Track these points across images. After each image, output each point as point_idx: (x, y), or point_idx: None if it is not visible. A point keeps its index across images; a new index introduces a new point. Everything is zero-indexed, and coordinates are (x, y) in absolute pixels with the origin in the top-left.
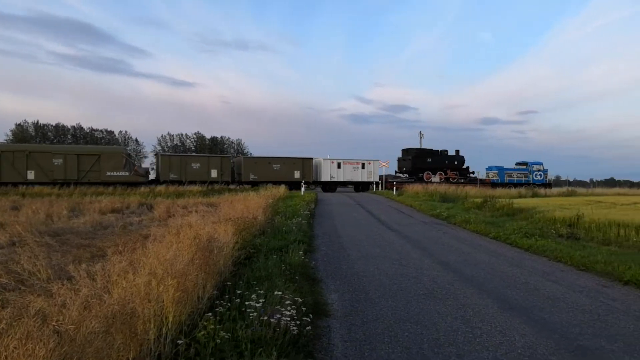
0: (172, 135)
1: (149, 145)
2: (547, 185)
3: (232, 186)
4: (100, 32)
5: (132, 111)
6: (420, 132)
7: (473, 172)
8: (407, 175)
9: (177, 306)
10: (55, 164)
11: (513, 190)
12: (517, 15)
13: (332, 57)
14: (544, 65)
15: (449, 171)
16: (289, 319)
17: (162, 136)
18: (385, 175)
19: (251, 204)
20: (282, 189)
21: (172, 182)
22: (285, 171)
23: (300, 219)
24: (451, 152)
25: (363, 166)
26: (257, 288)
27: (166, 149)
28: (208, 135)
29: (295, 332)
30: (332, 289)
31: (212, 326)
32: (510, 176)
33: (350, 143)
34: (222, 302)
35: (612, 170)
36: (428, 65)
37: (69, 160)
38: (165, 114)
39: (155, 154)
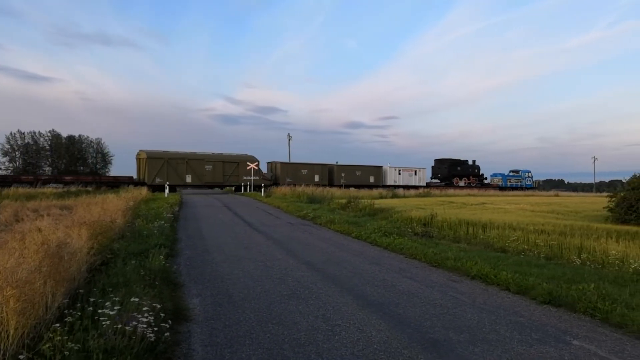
0: (23, 133)
1: None
2: (534, 188)
3: (328, 187)
4: None
5: None
6: (289, 135)
7: (486, 178)
8: (438, 180)
9: (20, 318)
10: (207, 169)
11: (374, 192)
12: (380, 25)
13: (201, 56)
14: (405, 74)
15: (471, 177)
16: (145, 325)
17: (11, 134)
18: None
19: (110, 207)
20: (144, 190)
21: (290, 184)
22: (364, 176)
23: (163, 222)
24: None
25: (415, 173)
26: (112, 295)
27: (16, 148)
28: (64, 134)
29: (152, 339)
30: (194, 293)
31: (59, 337)
32: (510, 181)
33: (220, 144)
34: (73, 311)
35: None
36: (297, 69)
37: (217, 167)
38: (15, 110)
39: (272, 162)
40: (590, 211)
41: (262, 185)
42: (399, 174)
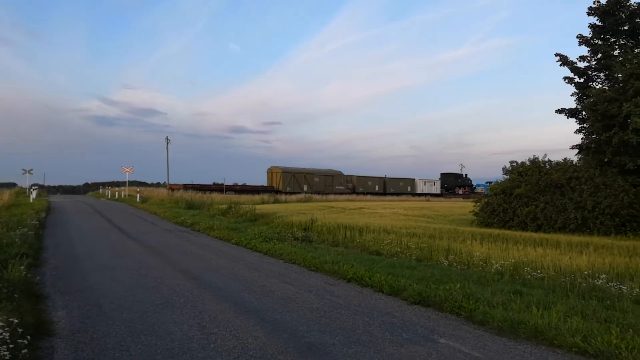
0: None
1: None
2: None
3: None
4: None
5: None
6: (167, 138)
7: (475, 188)
8: (444, 190)
9: None
10: (316, 181)
11: (257, 197)
12: (263, 31)
13: (74, 54)
14: (288, 81)
15: (466, 187)
16: None
17: None
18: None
19: None
20: (7, 195)
21: (361, 192)
22: (404, 186)
23: (27, 229)
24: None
25: (434, 184)
26: None
27: None
28: None
29: (7, 358)
30: (59, 305)
31: None
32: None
33: (94, 146)
34: None
35: None
36: (178, 71)
37: (321, 179)
38: None
39: (349, 176)
40: (457, 215)
41: (137, 190)
42: (424, 184)
